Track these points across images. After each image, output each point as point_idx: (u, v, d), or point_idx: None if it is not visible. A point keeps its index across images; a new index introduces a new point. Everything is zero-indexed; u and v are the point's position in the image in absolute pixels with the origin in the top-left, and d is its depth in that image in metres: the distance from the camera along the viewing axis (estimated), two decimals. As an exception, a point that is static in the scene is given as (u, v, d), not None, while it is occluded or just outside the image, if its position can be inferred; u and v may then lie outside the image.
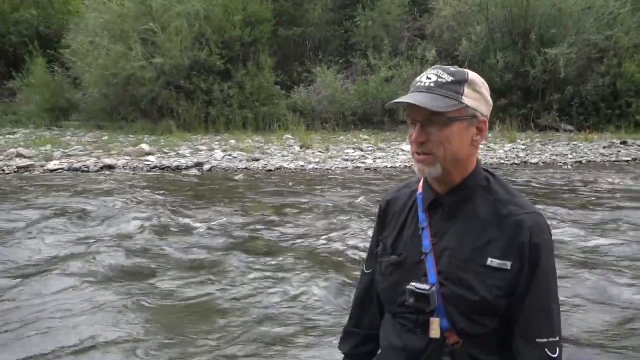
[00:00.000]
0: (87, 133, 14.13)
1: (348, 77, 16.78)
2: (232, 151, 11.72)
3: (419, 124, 1.22)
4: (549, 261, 1.21)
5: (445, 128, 1.20)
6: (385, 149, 12.62)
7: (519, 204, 1.24)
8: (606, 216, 6.76)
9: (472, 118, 1.22)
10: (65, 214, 6.51)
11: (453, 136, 1.21)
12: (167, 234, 5.81)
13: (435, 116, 1.19)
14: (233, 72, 15.00)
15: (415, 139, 1.22)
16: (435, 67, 1.26)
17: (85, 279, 4.39)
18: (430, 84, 1.22)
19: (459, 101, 1.20)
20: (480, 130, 1.24)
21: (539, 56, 15.45)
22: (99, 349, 3.28)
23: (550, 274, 1.22)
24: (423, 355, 1.24)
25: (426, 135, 1.21)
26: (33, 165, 9.97)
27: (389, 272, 1.31)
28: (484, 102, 1.25)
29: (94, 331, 3.50)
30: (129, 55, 13.93)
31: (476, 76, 1.25)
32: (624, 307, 3.95)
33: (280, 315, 3.83)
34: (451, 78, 1.22)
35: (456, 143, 1.21)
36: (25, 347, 3.25)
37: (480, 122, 1.24)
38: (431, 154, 1.22)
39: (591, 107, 16.37)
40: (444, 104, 1.19)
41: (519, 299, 1.19)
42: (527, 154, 12.70)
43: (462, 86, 1.21)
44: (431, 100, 1.19)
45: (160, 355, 3.23)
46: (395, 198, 1.41)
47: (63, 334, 3.45)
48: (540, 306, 1.20)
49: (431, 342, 1.22)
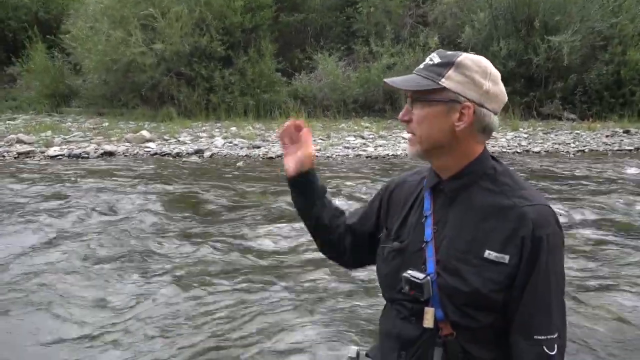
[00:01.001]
0: (87, 119, 14.09)
1: (350, 64, 16.64)
2: (233, 138, 11.68)
3: (406, 104, 1.24)
4: (552, 256, 1.16)
5: (423, 109, 1.21)
6: (386, 137, 12.56)
7: (524, 195, 1.19)
8: (608, 205, 6.73)
9: (452, 102, 1.18)
10: (63, 200, 6.51)
11: (429, 118, 1.20)
12: (164, 221, 5.80)
13: (417, 96, 1.21)
14: (234, 58, 14.89)
15: (400, 117, 1.26)
16: (436, 51, 1.26)
17: (82, 264, 4.40)
18: (421, 66, 1.24)
19: (435, 82, 1.18)
20: (462, 116, 1.19)
21: (543, 44, 15.29)
22: (86, 331, 3.29)
23: (554, 269, 1.17)
24: (416, 344, 1.23)
25: (408, 115, 1.24)
26: (33, 151, 9.95)
27: (391, 257, 1.30)
28: (474, 87, 1.19)
29: (89, 316, 3.50)
30: (129, 41, 13.82)
31: (472, 60, 1.20)
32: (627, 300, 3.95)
33: (278, 301, 3.83)
34: (439, 60, 1.21)
35: (432, 126, 1.20)
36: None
37: (464, 107, 1.19)
38: (413, 134, 1.24)
39: (594, 95, 16.24)
40: (415, 84, 1.20)
41: (517, 294, 1.16)
42: (529, 142, 12.64)
43: (446, 68, 1.19)
44: (407, 81, 1.22)
45: (154, 337, 3.24)
46: (404, 183, 1.39)
47: (56, 314, 3.46)
48: (540, 302, 1.16)
49: (425, 331, 1.21)
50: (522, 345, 1.16)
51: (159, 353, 3.12)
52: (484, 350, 1.20)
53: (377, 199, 1.44)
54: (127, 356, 3.07)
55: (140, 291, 3.94)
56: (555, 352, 1.15)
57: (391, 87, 1.24)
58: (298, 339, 3.29)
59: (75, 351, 3.11)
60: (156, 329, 3.38)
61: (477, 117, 1.19)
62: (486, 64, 1.21)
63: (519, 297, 1.16)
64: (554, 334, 1.16)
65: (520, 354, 1.16)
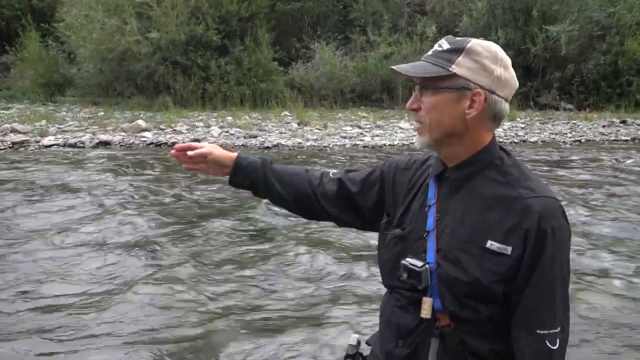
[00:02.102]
0: (82, 109, 13.99)
1: (347, 53, 16.55)
2: (230, 128, 11.63)
3: (415, 92, 1.22)
4: (558, 249, 1.13)
5: (432, 97, 1.18)
6: (383, 127, 12.53)
7: (530, 187, 1.16)
8: (603, 195, 6.75)
9: (462, 89, 1.15)
10: (58, 190, 6.48)
11: (438, 106, 1.17)
12: (160, 209, 5.78)
13: (426, 83, 1.18)
14: (230, 47, 14.79)
15: (408, 106, 1.23)
16: (445, 37, 1.22)
17: (77, 251, 4.38)
18: (429, 53, 1.21)
19: (445, 68, 1.15)
20: (474, 103, 1.16)
21: (541, 33, 15.24)
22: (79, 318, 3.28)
23: (560, 263, 1.14)
24: (414, 333, 1.22)
25: (417, 104, 1.21)
26: (28, 141, 9.88)
27: (392, 244, 1.28)
28: (485, 73, 1.15)
29: (85, 302, 3.49)
30: (124, 29, 13.69)
31: (483, 45, 1.17)
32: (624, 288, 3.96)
33: (277, 287, 3.83)
34: (448, 46, 1.17)
35: (443, 114, 1.17)
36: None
37: (474, 94, 1.15)
38: (421, 123, 1.21)
39: (592, 85, 16.23)
40: (425, 70, 1.17)
41: (520, 287, 1.13)
42: (526, 132, 12.64)
43: (456, 55, 1.16)
44: (415, 67, 1.19)
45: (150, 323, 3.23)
46: (408, 169, 1.36)
47: (51, 300, 3.44)
48: (544, 296, 1.13)
49: (422, 322, 1.20)
50: (524, 339, 1.14)
51: (157, 340, 3.12)
52: (482, 342, 1.18)
53: (377, 172, 1.41)
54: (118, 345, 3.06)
55: (132, 281, 3.93)
56: (557, 346, 1.13)
57: (399, 74, 1.21)
58: (299, 326, 3.29)
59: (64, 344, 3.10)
60: (154, 313, 3.38)
61: (488, 104, 1.17)
62: (496, 49, 1.18)
63: (522, 291, 1.13)
64: (556, 328, 1.13)
65: (523, 348, 1.14)
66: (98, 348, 3.01)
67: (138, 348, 3.01)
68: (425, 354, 1.19)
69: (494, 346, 1.19)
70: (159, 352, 2.98)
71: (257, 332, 3.26)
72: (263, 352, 3.03)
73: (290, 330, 3.28)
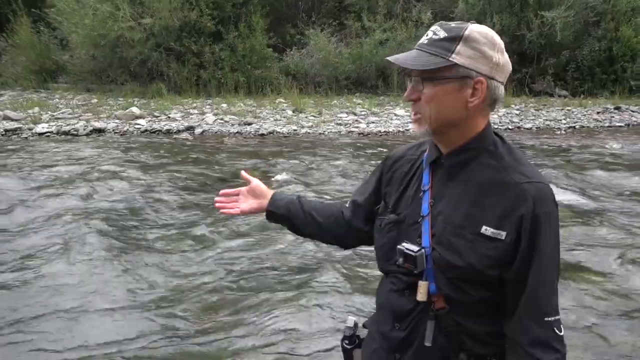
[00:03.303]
0: (75, 96, 13.86)
1: (342, 40, 16.44)
2: (224, 115, 11.57)
3: (411, 83, 1.20)
4: (551, 235, 1.15)
5: (433, 88, 1.16)
6: (379, 114, 12.52)
7: (524, 172, 1.17)
8: (596, 181, 6.79)
9: (464, 78, 1.14)
10: (52, 178, 6.45)
11: (440, 97, 1.16)
12: (154, 198, 5.78)
13: (425, 75, 1.16)
14: (224, 34, 14.65)
15: (405, 96, 1.21)
16: (438, 24, 1.19)
17: (69, 243, 4.38)
18: (424, 41, 1.18)
19: (445, 59, 1.13)
20: (476, 91, 1.15)
21: (536, 19, 15.19)
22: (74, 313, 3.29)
23: (553, 249, 1.16)
24: (410, 316, 1.24)
25: (416, 95, 1.19)
26: (21, 128, 9.80)
27: (387, 230, 1.30)
28: (485, 60, 1.15)
29: (81, 296, 3.51)
30: (116, 15, 13.52)
31: (479, 32, 1.16)
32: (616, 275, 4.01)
33: (274, 274, 3.85)
34: (445, 34, 1.15)
35: (444, 104, 1.16)
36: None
37: (476, 83, 1.15)
38: (420, 114, 1.19)
39: (586, 72, 16.24)
40: (425, 62, 1.14)
41: (519, 274, 1.14)
42: (521, 119, 12.66)
43: (454, 43, 1.14)
44: (414, 59, 1.16)
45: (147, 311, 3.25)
46: (403, 157, 1.38)
47: (48, 296, 3.46)
48: (546, 282, 1.15)
49: (418, 304, 1.22)
50: (534, 328, 1.14)
51: (154, 330, 3.14)
52: (477, 323, 1.20)
53: (377, 173, 1.44)
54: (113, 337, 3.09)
55: (129, 269, 3.94)
56: (562, 332, 1.15)
57: (395, 65, 1.20)
58: (296, 311, 3.32)
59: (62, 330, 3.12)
60: (149, 305, 3.40)
61: (489, 91, 1.16)
62: (492, 34, 1.18)
63: (521, 277, 1.14)
64: (559, 314, 1.16)
65: (533, 337, 1.14)
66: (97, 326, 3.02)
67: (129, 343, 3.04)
68: (421, 336, 1.22)
69: (488, 327, 1.21)
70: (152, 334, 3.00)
71: (253, 314, 3.28)
72: (261, 334, 3.06)
73: (288, 312, 3.31)
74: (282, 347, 2.97)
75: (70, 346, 2.92)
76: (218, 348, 2.95)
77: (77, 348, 2.91)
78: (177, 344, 2.99)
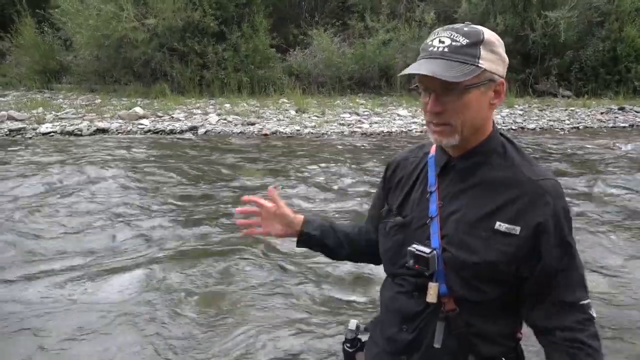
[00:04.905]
0: (79, 96, 13.91)
1: (345, 40, 16.44)
2: (227, 115, 11.59)
3: (434, 94, 1.14)
4: (571, 226, 1.19)
5: (462, 97, 1.13)
6: (381, 114, 12.51)
7: (535, 171, 1.19)
8: (600, 180, 6.77)
9: (489, 82, 1.15)
10: (55, 177, 6.47)
11: (471, 104, 1.14)
12: (157, 198, 5.79)
13: (451, 85, 1.11)
14: (227, 34, 14.67)
15: (431, 109, 1.15)
16: (447, 29, 1.16)
17: (69, 240, 4.40)
18: (444, 49, 1.12)
19: (476, 66, 1.11)
20: (498, 93, 1.18)
21: (540, 19, 15.16)
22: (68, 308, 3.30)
23: (572, 238, 1.19)
24: (418, 318, 1.23)
25: (442, 106, 1.14)
26: (25, 128, 9.84)
27: (393, 233, 1.29)
28: (502, 62, 1.17)
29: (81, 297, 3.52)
30: (120, 15, 13.56)
31: (491, 34, 1.16)
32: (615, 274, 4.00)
33: (274, 277, 3.86)
34: (466, 40, 1.12)
35: (474, 111, 1.15)
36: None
37: (498, 85, 1.17)
38: (448, 124, 1.15)
39: (590, 72, 16.19)
40: (461, 72, 1.10)
41: (548, 268, 1.16)
42: (524, 119, 12.63)
43: (478, 49, 1.12)
44: (446, 69, 1.10)
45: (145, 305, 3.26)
46: (405, 160, 1.37)
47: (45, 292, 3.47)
48: (574, 270, 1.18)
49: (427, 306, 1.21)
50: (571, 314, 1.17)
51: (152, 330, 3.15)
52: (487, 323, 1.20)
53: (382, 182, 1.44)
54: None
55: (130, 268, 3.95)
56: (595, 313, 1.20)
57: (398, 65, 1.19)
58: (298, 315, 3.33)
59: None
60: (150, 305, 3.41)
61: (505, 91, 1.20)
62: (496, 35, 1.19)
63: (553, 269, 1.16)
64: (589, 297, 1.20)
65: (572, 323, 1.17)
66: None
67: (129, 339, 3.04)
68: (430, 338, 1.21)
69: (498, 327, 1.22)
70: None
71: (253, 317, 3.29)
72: (261, 337, 3.06)
73: (289, 317, 3.31)
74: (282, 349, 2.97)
75: (69, 345, 2.93)
76: (220, 347, 2.96)
77: (76, 348, 2.92)
78: (177, 344, 2.99)
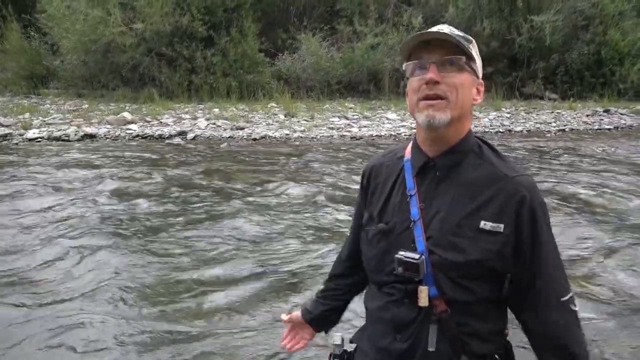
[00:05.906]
0: (66, 101, 13.81)
1: (333, 44, 16.52)
2: (216, 120, 11.57)
3: (433, 64, 1.17)
4: (548, 222, 1.20)
5: (460, 73, 1.18)
6: (370, 118, 12.57)
7: (511, 167, 1.22)
8: (585, 181, 6.86)
9: (475, 76, 1.21)
10: (42, 184, 6.41)
11: (465, 85, 1.18)
12: (146, 202, 5.77)
13: (452, 59, 1.17)
14: (216, 39, 14.67)
15: (431, 78, 1.15)
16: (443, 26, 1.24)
17: (58, 249, 4.36)
18: (444, 29, 1.19)
19: (471, 52, 1.19)
20: (479, 92, 1.23)
21: (525, 24, 15.36)
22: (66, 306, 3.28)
23: (551, 235, 1.21)
24: (412, 325, 1.22)
25: (441, 78, 1.16)
26: (11, 134, 9.75)
27: (377, 240, 1.27)
28: (480, 64, 1.24)
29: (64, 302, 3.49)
30: (108, 20, 13.51)
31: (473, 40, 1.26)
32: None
33: (260, 286, 3.85)
34: (462, 33, 1.21)
35: (465, 92, 1.19)
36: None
37: (479, 84, 1.23)
38: (444, 98, 1.16)
39: (576, 75, 16.43)
40: (465, 45, 1.17)
41: (527, 264, 1.18)
42: (511, 122, 12.77)
43: (470, 43, 1.20)
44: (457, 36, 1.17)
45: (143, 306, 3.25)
46: (380, 165, 1.36)
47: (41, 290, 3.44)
48: (554, 267, 1.20)
49: (420, 311, 1.20)
50: (554, 311, 1.19)
51: (151, 328, 3.13)
52: (479, 322, 1.21)
53: (360, 190, 1.42)
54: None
55: (123, 273, 3.93)
56: (577, 306, 1.21)
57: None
58: (277, 325, 3.31)
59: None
60: (144, 307, 3.39)
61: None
62: None
63: (533, 265, 1.18)
64: (571, 291, 1.22)
65: (554, 319, 1.19)
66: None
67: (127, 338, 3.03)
68: (424, 344, 1.20)
69: (489, 325, 1.22)
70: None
71: (240, 330, 3.26)
72: (242, 349, 3.03)
73: (272, 329, 3.28)
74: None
75: (68, 346, 2.91)
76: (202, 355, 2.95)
77: (74, 348, 2.90)
78: (177, 345, 2.98)
